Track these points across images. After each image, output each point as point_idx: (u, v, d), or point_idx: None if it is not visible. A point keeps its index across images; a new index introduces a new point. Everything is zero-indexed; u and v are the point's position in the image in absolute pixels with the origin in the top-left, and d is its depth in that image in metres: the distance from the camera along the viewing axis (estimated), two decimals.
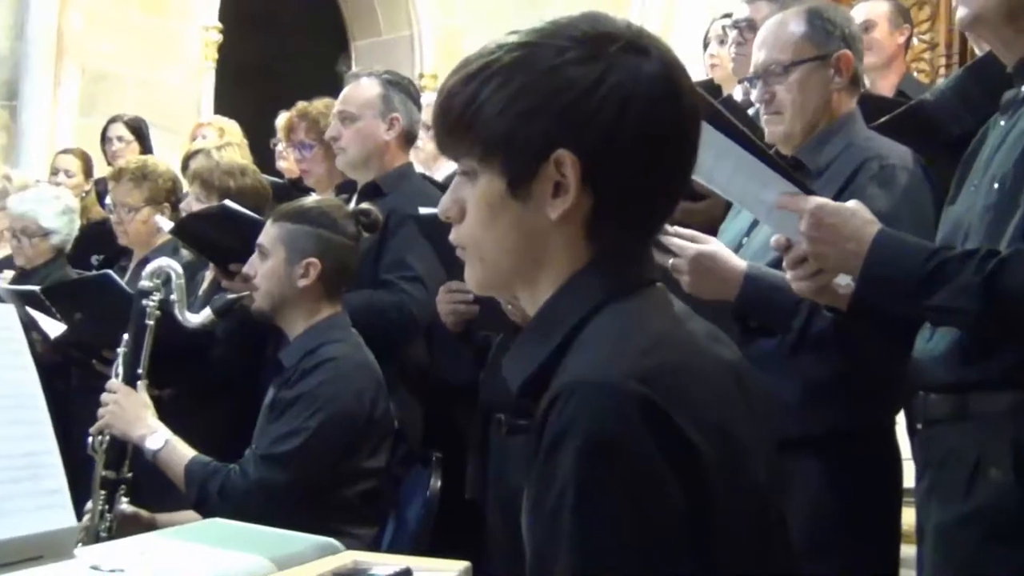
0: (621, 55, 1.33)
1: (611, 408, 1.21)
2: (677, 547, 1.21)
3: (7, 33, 7.68)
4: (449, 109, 1.39)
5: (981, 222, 2.03)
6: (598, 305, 1.35)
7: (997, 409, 1.98)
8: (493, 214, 1.38)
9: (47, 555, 1.80)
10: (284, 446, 2.84)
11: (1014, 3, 2.05)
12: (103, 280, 3.85)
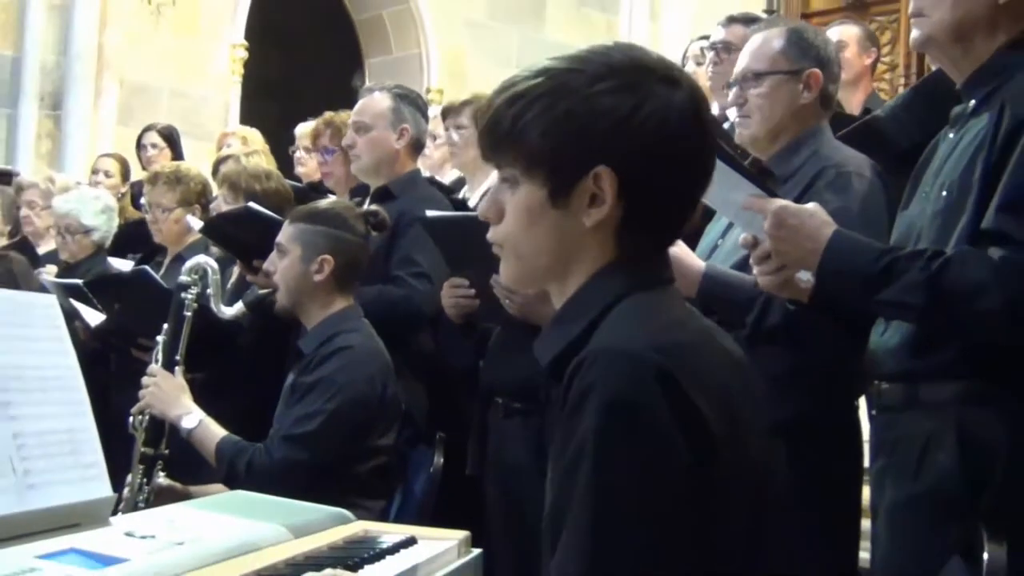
0: (656, 85, 1.37)
1: (630, 372, 1.25)
2: (681, 502, 1.24)
3: (53, 49, 7.67)
4: (496, 125, 1.42)
5: (931, 226, 2.03)
6: (621, 295, 1.38)
7: (944, 398, 1.98)
8: (532, 219, 1.41)
9: (85, 523, 1.81)
10: (304, 427, 2.85)
11: (962, 26, 2.05)
12: (140, 275, 3.85)
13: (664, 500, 1.24)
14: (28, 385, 1.80)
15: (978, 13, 2.04)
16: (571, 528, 1.26)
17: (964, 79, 2.10)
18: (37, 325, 1.89)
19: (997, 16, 2.04)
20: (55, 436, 1.81)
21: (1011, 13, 2.03)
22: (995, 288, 1.83)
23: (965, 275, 1.87)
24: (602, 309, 1.38)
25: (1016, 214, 1.86)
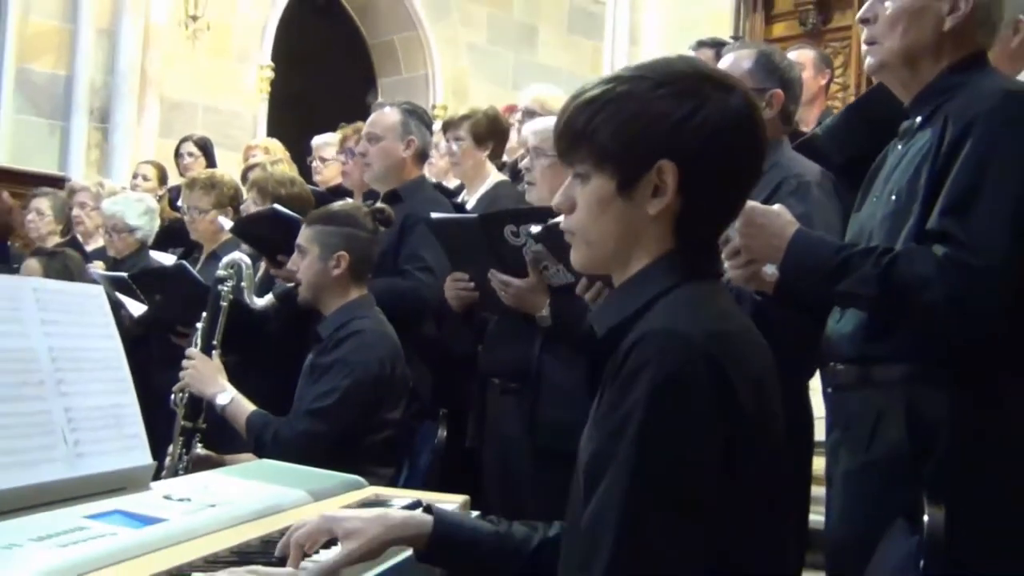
0: (713, 91, 1.39)
1: (683, 355, 1.27)
2: (711, 478, 1.26)
3: (101, 69, 7.66)
4: (571, 126, 1.43)
5: (881, 228, 2.03)
6: (677, 283, 1.39)
7: (893, 378, 1.98)
8: (602, 208, 1.42)
9: (128, 487, 1.82)
10: (322, 403, 2.85)
11: (910, 52, 2.05)
12: (179, 270, 3.85)
13: (696, 474, 1.25)
14: (79, 366, 1.80)
15: (925, 41, 2.04)
16: (611, 484, 1.26)
17: (911, 98, 2.10)
18: (87, 313, 1.90)
19: (941, 43, 2.04)
20: (102, 411, 1.81)
21: (954, 40, 2.04)
22: (938, 281, 1.83)
23: (912, 270, 1.87)
24: (658, 292, 1.38)
25: (957, 216, 1.86)
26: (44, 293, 1.80)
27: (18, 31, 7.43)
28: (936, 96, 2.04)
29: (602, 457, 1.29)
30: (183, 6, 7.65)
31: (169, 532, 1.60)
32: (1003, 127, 1.89)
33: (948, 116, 1.95)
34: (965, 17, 2.02)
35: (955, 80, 2.03)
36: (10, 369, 1.67)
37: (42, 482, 1.63)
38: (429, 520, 1.56)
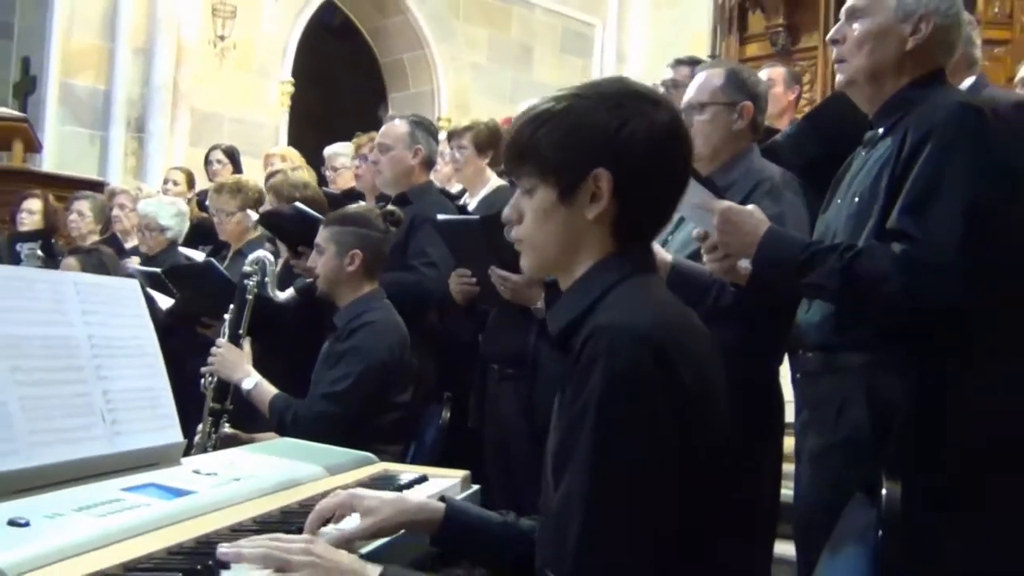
0: (642, 106, 1.40)
1: (632, 346, 1.27)
2: (665, 454, 1.27)
3: (137, 84, 7.67)
4: (517, 141, 1.46)
5: (845, 226, 2.03)
6: (620, 279, 1.40)
7: (855, 365, 1.98)
8: (546, 216, 1.43)
9: (161, 463, 1.82)
10: (337, 386, 2.85)
11: (875, 70, 2.06)
12: (207, 266, 3.86)
13: (651, 452, 1.26)
14: (116, 352, 1.80)
15: (888, 60, 2.05)
16: (574, 471, 1.27)
17: (875, 111, 2.11)
18: (124, 304, 1.89)
19: (903, 61, 2.05)
20: (137, 393, 1.81)
21: (914, 59, 2.05)
22: (895, 275, 1.84)
23: (872, 264, 1.87)
24: (603, 290, 1.39)
25: (913, 216, 1.87)
26: (84, 286, 1.80)
27: (62, 49, 7.42)
28: (898, 109, 2.05)
29: (565, 448, 1.31)
30: (212, 27, 7.65)
31: (198, 503, 1.60)
32: (957, 137, 1.89)
33: (908, 127, 1.96)
34: (925, 39, 2.03)
35: (915, 95, 2.04)
36: (54, 355, 1.67)
37: (83, 458, 1.63)
38: (441, 507, 1.56)
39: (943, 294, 1.83)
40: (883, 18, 2.05)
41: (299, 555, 1.32)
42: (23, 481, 1.50)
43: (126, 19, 7.59)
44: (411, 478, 2.05)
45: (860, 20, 2.08)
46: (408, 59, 9.58)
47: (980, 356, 1.91)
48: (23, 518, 1.35)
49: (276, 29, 8.38)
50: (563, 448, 1.31)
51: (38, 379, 1.60)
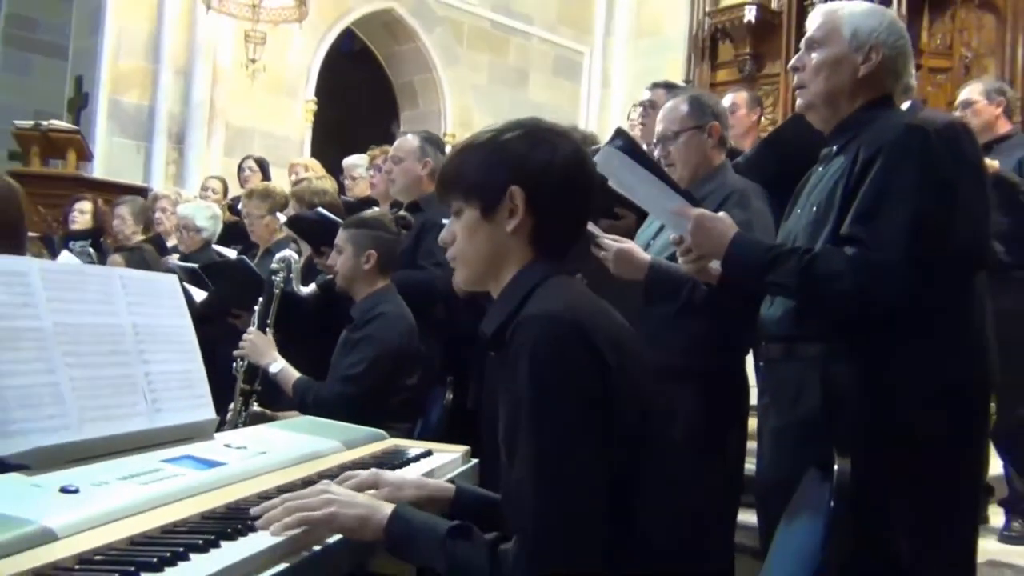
0: (549, 136, 1.46)
1: (552, 328, 1.30)
2: (593, 415, 1.28)
3: (178, 101, 7.66)
4: (446, 171, 1.52)
5: (805, 232, 2.03)
6: (541, 280, 1.42)
7: (812, 354, 1.98)
8: (472, 233, 1.46)
9: (196, 437, 1.82)
10: (353, 370, 2.86)
11: (831, 94, 2.06)
12: (239, 262, 3.86)
13: (581, 414, 1.27)
14: (157, 339, 1.80)
15: (843, 85, 2.05)
16: (522, 447, 1.29)
17: (831, 130, 2.11)
18: (164, 296, 1.89)
19: (856, 87, 2.05)
20: (175, 375, 1.81)
21: (865, 85, 2.05)
22: (848, 274, 1.84)
23: (827, 265, 1.88)
24: (527, 291, 1.40)
25: (864, 224, 1.87)
26: (129, 280, 1.79)
27: (111, 70, 7.41)
28: (851, 129, 2.05)
29: (511, 429, 1.32)
30: (244, 51, 7.62)
31: (228, 473, 1.60)
32: (903, 155, 1.90)
33: (860, 145, 1.96)
34: (876, 66, 2.04)
35: (866, 116, 2.04)
36: (102, 341, 1.66)
37: (127, 432, 1.63)
38: (452, 488, 1.59)
39: (889, 291, 1.84)
40: (838, 48, 2.05)
41: (318, 496, 1.34)
42: (74, 452, 1.50)
43: (168, 44, 7.57)
44: (418, 452, 2.05)
45: (818, 50, 2.08)
46: (418, 81, 9.57)
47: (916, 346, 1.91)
48: (73, 485, 1.35)
49: (301, 54, 8.36)
50: (509, 431, 1.33)
51: (88, 362, 1.60)
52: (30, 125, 6.74)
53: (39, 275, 1.57)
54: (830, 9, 2.12)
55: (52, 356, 1.53)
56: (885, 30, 2.05)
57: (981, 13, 7.68)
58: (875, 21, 2.06)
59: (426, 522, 1.35)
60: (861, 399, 1.89)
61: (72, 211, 5.68)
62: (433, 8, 9.23)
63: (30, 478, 1.38)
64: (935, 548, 2.17)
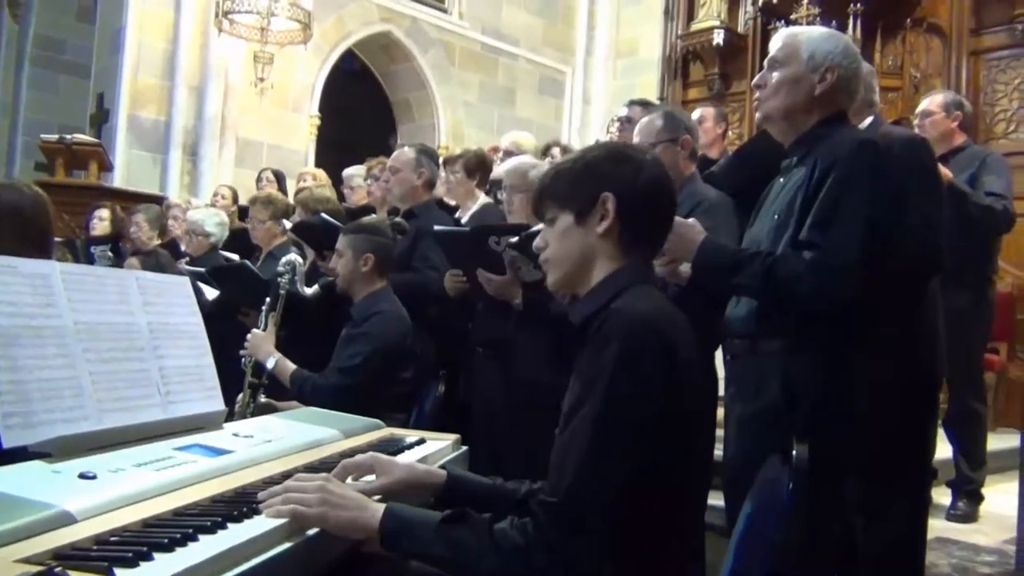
0: (635, 156, 1.51)
1: (639, 328, 1.32)
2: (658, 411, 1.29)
3: (191, 116, 7.60)
4: (541, 188, 1.54)
5: (768, 237, 2.04)
6: (628, 285, 1.44)
7: (773, 349, 1.99)
8: (565, 236, 1.48)
9: (206, 427, 1.81)
10: (350, 362, 2.86)
11: (789, 110, 2.07)
12: (243, 266, 3.84)
13: (646, 414, 1.28)
14: (170, 336, 1.79)
15: (800, 102, 2.06)
16: (582, 419, 1.30)
17: (790, 143, 2.12)
18: (177, 296, 1.88)
19: (813, 104, 2.06)
20: (187, 370, 1.80)
21: (821, 102, 2.06)
22: (806, 275, 1.86)
23: (788, 267, 1.89)
24: (616, 292, 1.42)
25: (820, 229, 1.89)
26: (144, 281, 1.78)
27: (130, 86, 7.36)
28: (808, 143, 2.06)
29: (579, 402, 1.32)
30: (253, 70, 7.58)
31: (236, 460, 1.59)
32: (856, 167, 1.91)
33: (817, 158, 1.98)
34: (831, 85, 2.05)
35: (823, 131, 2.05)
36: (120, 338, 1.66)
37: (142, 422, 1.62)
38: (443, 474, 1.58)
39: (843, 290, 1.85)
40: (796, 68, 2.06)
41: (314, 492, 1.32)
42: (92, 441, 1.49)
43: (183, 63, 7.52)
44: (412, 440, 2.04)
45: (779, 69, 2.09)
46: (413, 98, 9.55)
47: (872, 342, 1.93)
48: (91, 472, 1.34)
49: (306, 73, 8.32)
50: (576, 403, 1.33)
51: (106, 357, 1.59)
52: (55, 139, 6.69)
53: (60, 277, 1.56)
54: (791, 32, 2.14)
55: (73, 352, 1.52)
56: (840, 53, 2.06)
57: (928, 36, 7.72)
58: (831, 45, 2.07)
59: (420, 514, 1.34)
60: (818, 390, 1.90)
61: (92, 218, 5.65)
62: (427, 31, 9.21)
63: (51, 465, 1.37)
64: (884, 523, 2.18)
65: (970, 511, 3.91)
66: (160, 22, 7.45)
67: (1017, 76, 7.22)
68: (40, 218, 2.15)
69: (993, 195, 3.70)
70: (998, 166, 3.86)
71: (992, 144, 7.07)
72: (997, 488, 4.10)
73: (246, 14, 7.26)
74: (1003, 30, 7.28)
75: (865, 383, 1.91)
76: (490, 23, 9.66)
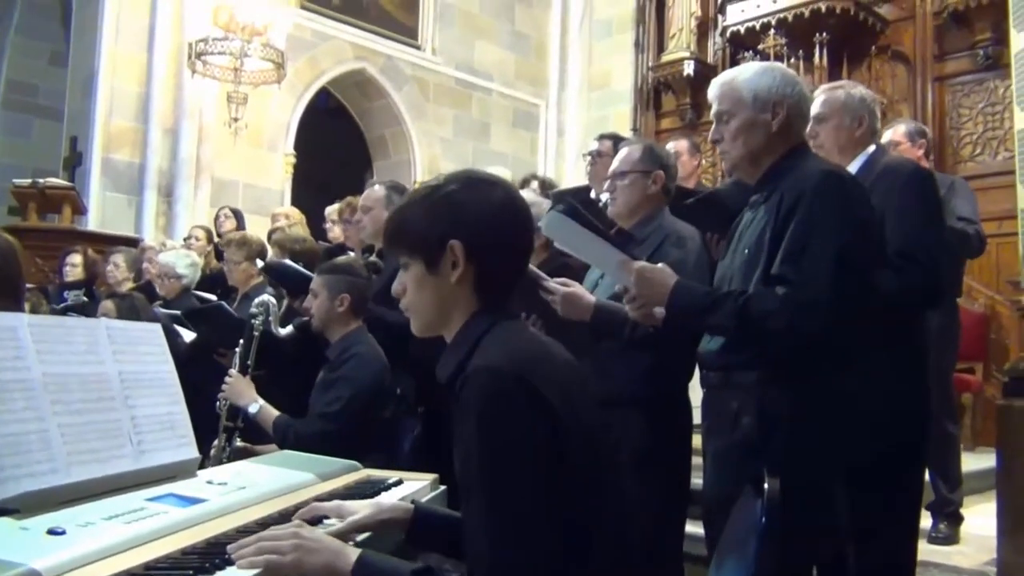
0: (482, 187, 1.43)
1: (496, 383, 1.26)
2: (542, 461, 1.24)
3: (166, 157, 7.60)
4: (389, 228, 1.49)
5: (739, 273, 2.06)
6: (487, 329, 1.39)
7: (747, 382, 1.99)
8: (420, 286, 1.43)
9: (179, 475, 1.79)
10: (331, 408, 2.85)
11: (751, 154, 2.10)
12: (218, 307, 3.83)
13: (529, 461, 1.24)
14: (141, 384, 1.77)
15: (760, 144, 2.09)
16: (474, 491, 1.25)
17: (756, 181, 2.14)
18: (147, 344, 1.86)
19: (772, 141, 2.09)
20: (159, 418, 1.78)
21: (781, 136, 2.09)
22: (779, 313, 1.86)
23: (761, 305, 1.90)
24: (475, 340, 1.37)
25: (791, 264, 1.90)
26: (114, 330, 1.77)
27: (103, 130, 7.36)
28: (774, 179, 2.08)
29: (464, 475, 1.28)
30: (227, 111, 7.60)
31: (209, 509, 1.57)
32: (823, 199, 1.92)
33: (783, 193, 1.99)
34: (785, 119, 2.08)
35: (787, 165, 2.07)
36: (90, 388, 1.64)
37: (113, 474, 1.60)
38: (411, 508, 1.55)
39: (818, 325, 1.85)
40: (746, 113, 2.08)
41: (288, 539, 1.31)
42: (62, 495, 1.47)
43: (157, 105, 7.52)
44: (390, 481, 2.03)
45: (729, 120, 2.11)
46: (389, 134, 9.59)
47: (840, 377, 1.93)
48: (60, 527, 1.32)
49: (280, 111, 8.35)
50: (463, 477, 1.29)
51: (76, 409, 1.58)
52: (28, 183, 6.67)
53: (28, 329, 1.55)
54: (725, 82, 2.16)
55: (41, 405, 1.50)
56: (780, 84, 2.09)
57: (893, 63, 7.87)
58: (770, 79, 2.09)
59: (391, 567, 1.31)
60: (791, 424, 1.90)
61: (65, 265, 5.62)
62: (401, 68, 9.28)
63: (19, 522, 1.35)
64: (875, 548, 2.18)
65: (951, 533, 3.92)
66: (133, 65, 7.47)
67: (980, 100, 7.36)
68: (9, 267, 2.13)
69: (963, 219, 3.77)
70: (964, 191, 3.94)
71: (960, 167, 7.20)
72: (977, 509, 4.12)
73: (219, 55, 7.29)
74: (965, 55, 7.44)
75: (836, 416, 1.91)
76: (463, 59, 9.75)
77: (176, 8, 7.59)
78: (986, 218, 4.19)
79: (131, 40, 7.45)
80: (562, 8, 10.49)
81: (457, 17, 9.70)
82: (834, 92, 2.62)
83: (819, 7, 7.56)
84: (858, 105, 2.64)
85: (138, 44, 7.48)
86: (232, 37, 7.17)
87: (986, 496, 4.14)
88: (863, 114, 2.66)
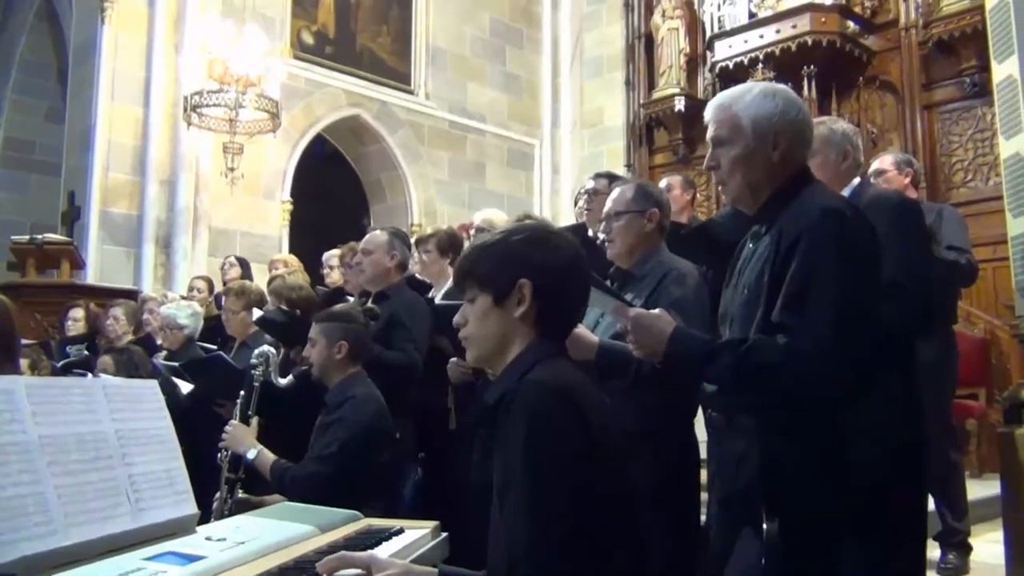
0: (552, 238, 1.59)
1: (543, 394, 1.38)
2: (579, 473, 1.34)
3: (164, 209, 7.66)
4: (463, 265, 1.62)
5: (739, 312, 1.99)
6: (541, 358, 1.51)
7: (750, 426, 1.92)
8: (484, 317, 1.55)
9: (178, 532, 1.76)
10: (327, 450, 2.85)
11: (751, 185, 1.99)
12: (217, 358, 3.83)
13: (570, 464, 1.33)
14: (139, 442, 1.76)
15: (760, 175, 1.98)
16: (515, 493, 1.34)
17: (756, 213, 2.04)
18: (144, 401, 1.86)
19: (773, 172, 1.97)
20: (157, 475, 1.77)
21: (782, 166, 1.97)
22: (781, 364, 1.77)
23: (761, 357, 1.80)
24: (527, 368, 1.48)
25: (792, 311, 1.79)
26: (111, 389, 1.76)
27: (100, 183, 7.42)
28: (775, 209, 1.97)
29: (506, 481, 1.38)
30: (223, 161, 7.66)
31: (208, 566, 1.55)
32: (822, 239, 1.82)
33: (783, 227, 1.88)
34: (785, 150, 1.97)
35: (788, 194, 1.96)
36: (87, 448, 1.63)
37: (111, 534, 1.58)
38: (435, 572, 1.54)
39: (823, 379, 1.76)
40: (745, 143, 1.97)
41: None
42: (60, 558, 1.45)
43: (153, 158, 7.60)
44: (391, 531, 2.01)
45: (726, 147, 2.00)
46: (385, 178, 9.66)
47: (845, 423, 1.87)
48: None
49: (276, 159, 8.42)
50: (503, 485, 1.38)
51: (72, 469, 1.57)
52: (26, 240, 6.71)
53: (24, 391, 1.55)
54: (723, 106, 2.03)
55: (38, 467, 1.50)
56: (781, 111, 1.97)
57: (882, 93, 7.96)
58: (771, 107, 1.97)
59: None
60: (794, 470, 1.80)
61: (67, 319, 5.64)
62: (395, 113, 9.38)
63: None
64: None
65: (960, 564, 3.88)
66: (129, 119, 7.55)
67: (970, 127, 7.44)
68: (4, 325, 2.15)
69: (954, 248, 3.77)
70: (953, 218, 3.95)
71: (952, 193, 7.25)
72: (986, 537, 4.08)
73: (214, 107, 7.37)
74: (952, 83, 7.53)
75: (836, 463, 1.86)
76: (456, 102, 9.86)
77: (171, 62, 7.70)
78: (981, 243, 4.22)
79: (127, 95, 7.55)
80: (552, 49, 10.65)
81: (449, 61, 9.83)
82: (817, 128, 2.58)
83: (806, 40, 7.67)
84: (841, 139, 2.66)
85: (134, 98, 7.57)
86: (227, 89, 7.26)
87: (995, 524, 4.10)
88: (847, 147, 2.67)
